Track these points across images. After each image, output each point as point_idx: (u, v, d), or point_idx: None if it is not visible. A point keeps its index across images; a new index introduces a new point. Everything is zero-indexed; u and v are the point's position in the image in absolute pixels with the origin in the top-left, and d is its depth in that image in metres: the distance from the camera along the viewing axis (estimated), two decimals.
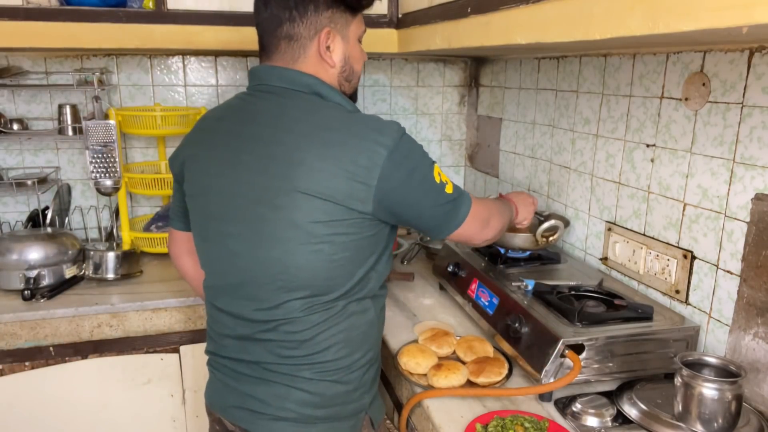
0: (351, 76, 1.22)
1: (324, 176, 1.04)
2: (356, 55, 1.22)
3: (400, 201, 1.09)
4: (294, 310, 1.11)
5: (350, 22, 1.19)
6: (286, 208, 1.06)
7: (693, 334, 1.33)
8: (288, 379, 1.14)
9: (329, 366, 1.15)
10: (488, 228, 1.27)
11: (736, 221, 1.25)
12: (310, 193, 1.04)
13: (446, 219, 1.17)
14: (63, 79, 2.12)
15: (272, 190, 1.07)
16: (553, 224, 1.60)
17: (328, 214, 1.05)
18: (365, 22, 1.26)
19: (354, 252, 1.11)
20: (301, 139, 1.06)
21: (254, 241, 1.11)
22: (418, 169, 1.10)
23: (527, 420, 1.13)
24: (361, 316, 1.18)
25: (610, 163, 1.64)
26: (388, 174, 1.05)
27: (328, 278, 1.10)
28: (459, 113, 2.56)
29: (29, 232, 1.97)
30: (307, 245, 1.07)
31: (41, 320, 1.73)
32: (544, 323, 1.30)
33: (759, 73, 1.18)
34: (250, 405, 1.17)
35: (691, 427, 1.08)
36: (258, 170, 1.09)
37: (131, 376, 1.84)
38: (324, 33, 1.14)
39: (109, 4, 1.76)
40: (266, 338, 1.14)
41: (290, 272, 1.09)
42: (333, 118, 1.10)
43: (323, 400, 1.15)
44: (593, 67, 1.69)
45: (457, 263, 1.75)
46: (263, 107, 1.14)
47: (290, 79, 1.14)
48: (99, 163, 1.97)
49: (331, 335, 1.14)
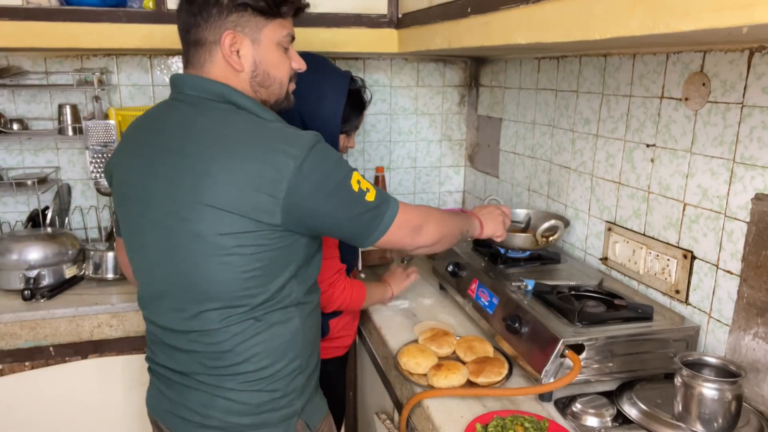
0: (266, 81, 1.18)
1: (229, 188, 1.04)
2: (272, 60, 1.17)
3: (311, 213, 1.08)
4: (211, 321, 1.12)
5: (263, 25, 1.15)
6: (192, 221, 1.06)
7: (693, 334, 1.33)
8: (213, 388, 1.15)
9: (251, 376, 1.15)
10: (421, 235, 1.24)
11: (736, 221, 1.25)
12: (216, 206, 1.04)
13: (368, 228, 1.15)
14: (63, 79, 2.12)
15: (179, 202, 1.07)
16: (553, 224, 1.60)
17: (235, 227, 1.05)
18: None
19: (268, 263, 1.10)
20: (207, 150, 1.06)
21: (167, 253, 1.11)
22: (331, 179, 1.08)
23: (527, 420, 1.13)
24: (283, 325, 1.16)
25: (610, 163, 1.64)
26: (295, 186, 1.03)
27: (241, 289, 1.10)
28: (459, 113, 2.56)
29: (29, 232, 1.97)
30: (214, 257, 1.07)
31: (41, 320, 1.73)
32: (544, 323, 1.30)
33: (759, 73, 1.18)
34: (181, 412, 1.18)
35: (691, 427, 1.08)
36: (168, 181, 1.09)
37: (131, 376, 1.84)
38: (226, 35, 1.12)
39: (109, 4, 1.76)
40: (191, 348, 1.15)
41: (201, 284, 1.10)
42: (242, 129, 1.09)
43: (249, 408, 1.15)
44: (593, 67, 1.69)
45: (457, 263, 1.75)
46: (174, 117, 1.14)
47: (200, 87, 1.14)
48: (99, 163, 1.97)
49: (250, 346, 1.13)
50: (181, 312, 1.14)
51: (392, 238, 1.19)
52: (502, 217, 1.51)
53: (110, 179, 1.26)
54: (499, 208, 1.53)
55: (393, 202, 1.18)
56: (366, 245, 1.19)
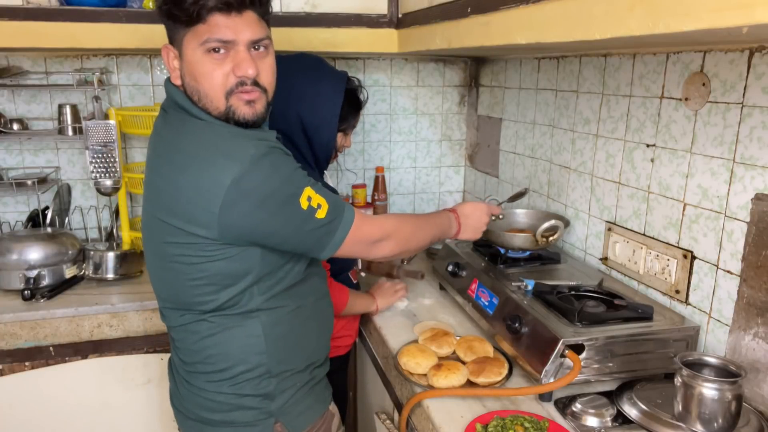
0: (194, 93, 1.09)
1: (168, 200, 1.06)
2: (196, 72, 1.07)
3: (252, 230, 1.04)
4: (173, 319, 1.20)
5: (184, 34, 1.07)
6: (147, 229, 1.16)
7: (693, 334, 1.33)
8: (188, 384, 1.23)
9: (214, 376, 1.18)
10: (378, 248, 1.22)
11: (736, 221, 1.25)
12: (159, 216, 1.09)
13: (319, 243, 1.11)
14: (63, 79, 2.12)
15: (144, 211, 1.18)
16: (553, 224, 1.60)
17: (174, 237, 1.08)
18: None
19: (212, 273, 1.09)
20: (156, 160, 1.11)
21: (147, 257, 1.22)
22: (274, 197, 1.03)
23: (527, 420, 1.13)
24: (239, 329, 1.16)
25: (610, 163, 1.64)
26: (231, 202, 1.00)
27: (191, 295, 1.13)
28: (459, 113, 2.56)
29: (29, 232, 1.97)
30: (161, 263, 1.15)
31: (41, 320, 1.73)
32: (544, 323, 1.30)
33: (759, 73, 1.18)
34: (176, 404, 1.29)
35: (691, 427, 1.08)
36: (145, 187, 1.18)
37: (131, 376, 1.84)
38: (163, 50, 1.12)
39: (109, 4, 1.76)
40: (174, 344, 1.25)
41: (157, 286, 1.20)
42: (189, 139, 1.07)
43: (216, 405, 1.19)
44: (593, 67, 1.69)
45: (457, 263, 1.75)
46: (157, 127, 1.18)
47: (167, 92, 1.16)
48: (99, 163, 1.97)
49: (206, 346, 1.17)
50: (161, 309, 1.24)
51: (347, 251, 1.16)
52: (486, 220, 1.48)
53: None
54: (488, 211, 1.49)
55: (346, 218, 1.13)
56: (320, 258, 1.16)
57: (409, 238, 1.29)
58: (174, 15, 1.05)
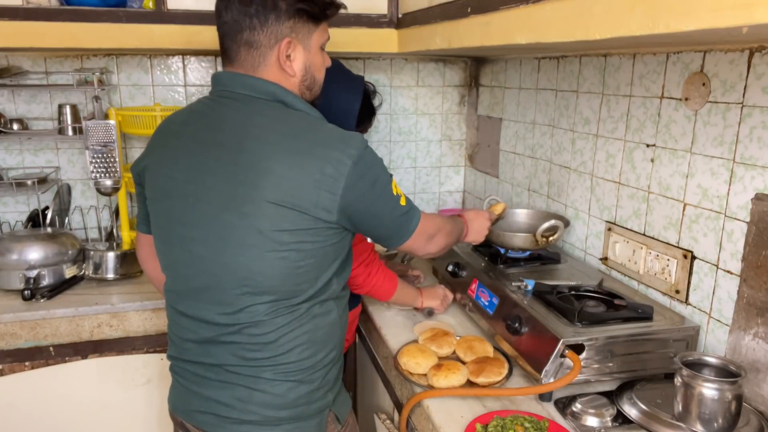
0: (312, 84, 1.23)
1: (291, 185, 1.05)
2: (317, 64, 1.23)
3: (362, 210, 1.12)
4: (259, 313, 1.12)
5: (313, 31, 1.18)
6: (253, 216, 1.06)
7: (693, 334, 1.33)
8: (250, 381, 1.15)
9: (293, 367, 1.16)
10: (431, 243, 1.31)
11: (736, 221, 1.25)
12: (277, 202, 1.05)
13: (399, 230, 1.22)
14: (63, 79, 2.12)
15: (239, 198, 1.07)
16: (553, 224, 1.60)
17: (295, 223, 1.07)
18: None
19: (319, 259, 1.13)
20: (268, 147, 1.07)
21: (219, 247, 1.10)
22: (380, 180, 1.14)
23: (527, 420, 1.13)
24: (324, 317, 1.19)
25: (610, 163, 1.64)
26: (352, 184, 1.08)
27: (293, 284, 1.12)
28: (459, 113, 2.56)
29: (29, 232, 1.97)
30: (273, 252, 1.08)
31: (41, 320, 1.73)
32: (544, 323, 1.30)
33: (759, 73, 1.18)
34: (214, 409, 1.17)
35: (691, 427, 1.08)
36: (224, 177, 1.09)
37: (131, 376, 1.85)
38: (284, 43, 1.14)
39: (109, 4, 1.76)
40: (230, 341, 1.14)
41: (256, 278, 1.10)
42: (299, 127, 1.11)
43: (286, 401, 1.16)
44: (593, 67, 1.69)
45: (457, 263, 1.75)
46: (228, 114, 1.14)
47: (253, 86, 1.15)
48: (99, 163, 1.97)
49: (294, 337, 1.15)
50: (227, 305, 1.13)
51: (412, 243, 1.25)
52: (488, 224, 1.56)
53: (140, 175, 1.24)
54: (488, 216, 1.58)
55: (417, 210, 1.25)
56: (393, 246, 1.25)
57: (448, 237, 1.38)
58: (314, 12, 1.16)
